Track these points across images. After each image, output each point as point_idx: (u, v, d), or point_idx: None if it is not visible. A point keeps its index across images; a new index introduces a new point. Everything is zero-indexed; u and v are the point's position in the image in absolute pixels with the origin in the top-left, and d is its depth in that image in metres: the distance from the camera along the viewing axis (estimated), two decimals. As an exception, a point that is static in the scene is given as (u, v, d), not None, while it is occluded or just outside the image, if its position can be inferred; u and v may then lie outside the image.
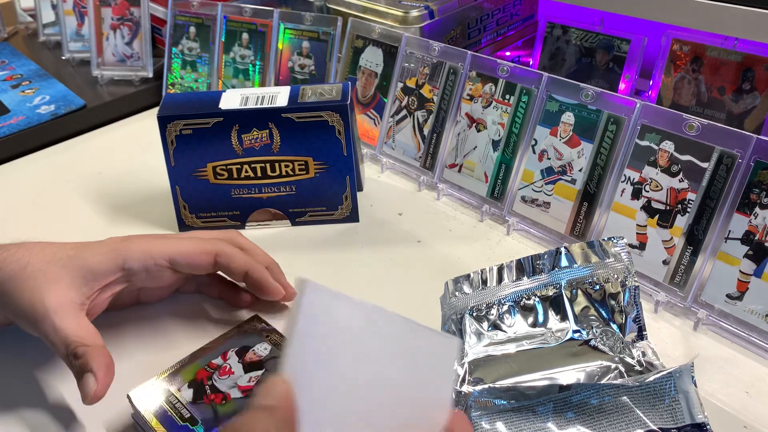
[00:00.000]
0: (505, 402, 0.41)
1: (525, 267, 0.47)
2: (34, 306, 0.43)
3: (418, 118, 0.70)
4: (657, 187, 0.53)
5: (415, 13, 0.74)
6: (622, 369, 0.45)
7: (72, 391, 0.47)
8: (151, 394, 0.43)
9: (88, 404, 0.41)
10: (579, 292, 0.47)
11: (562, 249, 0.47)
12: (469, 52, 0.65)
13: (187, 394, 0.43)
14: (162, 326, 0.53)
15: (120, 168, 0.76)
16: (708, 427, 0.39)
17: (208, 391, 0.44)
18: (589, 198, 0.57)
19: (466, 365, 0.46)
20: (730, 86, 0.65)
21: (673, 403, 0.39)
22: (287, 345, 0.30)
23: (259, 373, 0.45)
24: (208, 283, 0.54)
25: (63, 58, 0.98)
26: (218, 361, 0.46)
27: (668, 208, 0.53)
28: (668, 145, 0.52)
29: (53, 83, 0.91)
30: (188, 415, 0.42)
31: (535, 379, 0.45)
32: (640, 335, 0.47)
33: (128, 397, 0.43)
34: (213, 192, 0.62)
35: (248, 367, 0.45)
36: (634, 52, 0.72)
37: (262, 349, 0.47)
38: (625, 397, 0.40)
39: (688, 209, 0.51)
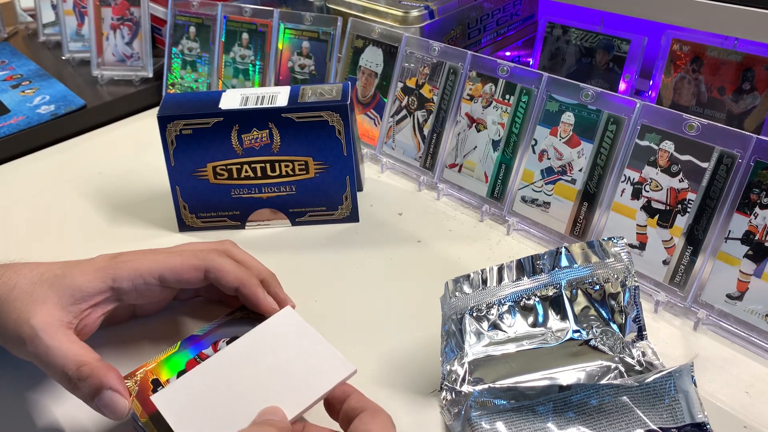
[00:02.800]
0: (505, 402, 0.41)
1: (525, 267, 0.47)
2: (21, 327, 0.42)
3: (418, 118, 0.70)
4: (657, 187, 0.53)
5: (415, 13, 0.74)
6: (622, 369, 0.45)
7: (67, 395, 0.47)
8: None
9: (119, 420, 0.41)
10: (579, 292, 0.47)
11: (562, 249, 0.47)
12: (469, 52, 0.65)
13: None
14: (160, 324, 0.53)
15: (120, 168, 0.76)
16: (708, 426, 0.39)
17: None
18: (589, 198, 0.57)
19: (466, 365, 0.46)
20: (730, 86, 0.66)
21: (673, 403, 0.40)
22: (241, 337, 0.44)
23: None
24: (206, 288, 0.52)
25: (63, 58, 0.98)
26: (209, 351, 0.46)
27: (668, 208, 0.53)
28: (668, 145, 0.52)
29: (53, 83, 0.91)
30: None
31: (535, 379, 0.45)
32: (640, 335, 0.47)
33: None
34: (213, 192, 0.62)
35: None
36: (634, 52, 0.72)
37: None
38: (625, 397, 0.40)
39: (688, 209, 0.51)
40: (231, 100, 0.60)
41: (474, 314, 0.47)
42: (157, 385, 0.43)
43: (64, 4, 0.97)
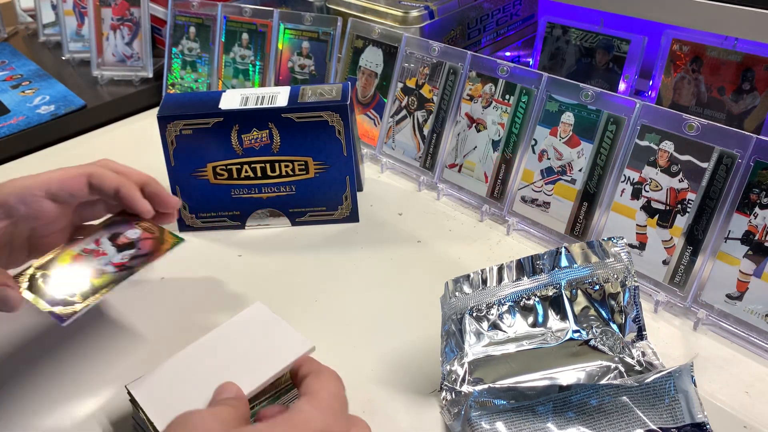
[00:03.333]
0: (505, 402, 0.41)
1: (525, 267, 0.47)
2: None
3: (418, 118, 0.70)
4: (657, 187, 0.53)
5: (415, 13, 0.74)
6: (622, 369, 0.45)
7: (69, 390, 0.47)
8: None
9: (13, 311, 0.43)
10: (579, 292, 0.47)
11: (562, 249, 0.47)
12: (469, 52, 0.65)
13: None
14: (155, 322, 0.53)
15: (120, 168, 0.76)
16: (708, 426, 0.39)
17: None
18: (589, 198, 0.57)
19: (466, 365, 0.46)
20: (730, 86, 0.66)
21: (673, 403, 0.40)
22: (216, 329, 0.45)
23: (132, 251, 0.48)
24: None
25: (63, 58, 0.98)
26: (92, 246, 0.49)
27: (668, 208, 0.53)
28: (668, 145, 0.52)
29: (53, 83, 0.91)
30: None
31: (535, 379, 0.45)
32: (640, 335, 0.47)
33: (128, 393, 0.43)
34: (213, 192, 0.62)
35: (121, 248, 0.49)
36: (634, 52, 0.72)
37: (132, 233, 0.50)
38: (624, 397, 0.40)
39: (688, 209, 0.51)
40: (231, 100, 0.60)
41: (474, 314, 0.47)
42: (46, 278, 0.46)
43: (64, 5, 0.97)
